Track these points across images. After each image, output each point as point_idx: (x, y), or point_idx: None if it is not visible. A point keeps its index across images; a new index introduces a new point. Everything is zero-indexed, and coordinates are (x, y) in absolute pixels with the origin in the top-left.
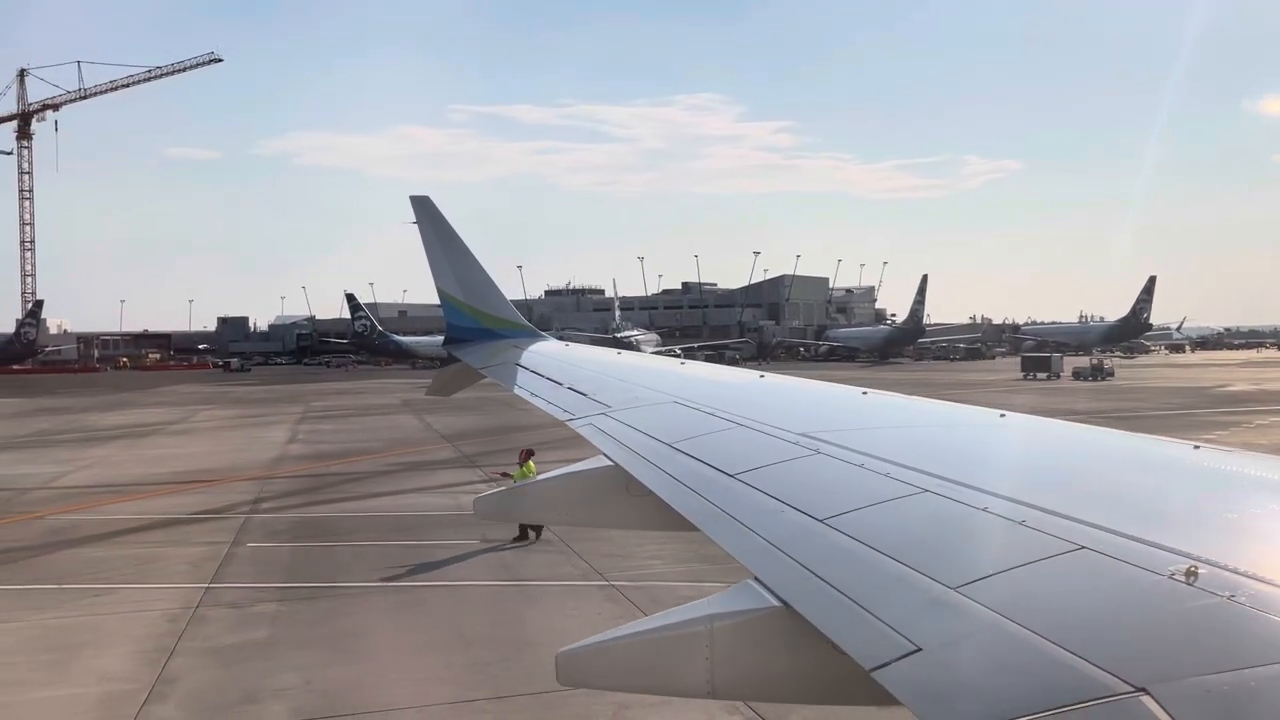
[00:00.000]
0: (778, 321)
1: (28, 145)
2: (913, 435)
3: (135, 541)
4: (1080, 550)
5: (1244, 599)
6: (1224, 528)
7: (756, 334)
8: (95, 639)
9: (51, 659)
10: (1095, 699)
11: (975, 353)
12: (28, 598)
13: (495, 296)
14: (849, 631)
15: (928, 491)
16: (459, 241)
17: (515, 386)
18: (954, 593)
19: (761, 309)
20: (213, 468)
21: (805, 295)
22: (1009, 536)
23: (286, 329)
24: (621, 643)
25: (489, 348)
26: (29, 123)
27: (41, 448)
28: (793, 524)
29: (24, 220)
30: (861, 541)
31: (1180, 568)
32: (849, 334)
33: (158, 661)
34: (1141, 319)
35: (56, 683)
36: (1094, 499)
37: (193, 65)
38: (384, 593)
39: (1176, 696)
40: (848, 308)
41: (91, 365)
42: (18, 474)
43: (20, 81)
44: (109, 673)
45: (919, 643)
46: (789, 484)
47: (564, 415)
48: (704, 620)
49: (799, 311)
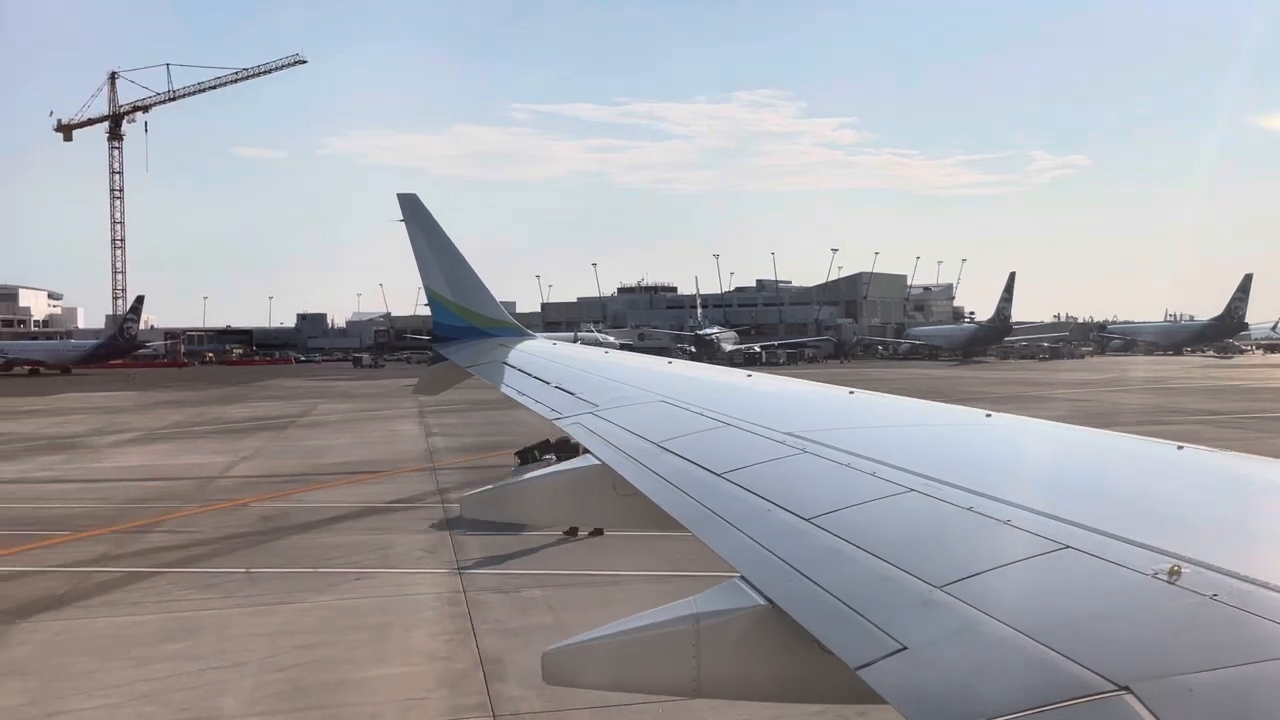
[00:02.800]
0: (855, 319)
1: (118, 146)
2: (899, 435)
3: (353, 529)
4: (1064, 549)
5: (1227, 598)
6: (1207, 527)
7: (835, 332)
8: (390, 620)
9: (364, 638)
10: (1078, 697)
11: (1058, 352)
12: (295, 580)
13: (483, 295)
14: (835, 630)
15: (914, 491)
16: (447, 240)
17: (502, 385)
18: (939, 592)
19: (839, 306)
20: (372, 459)
21: (882, 293)
22: (994, 536)
23: (364, 325)
24: (607, 641)
25: (476, 346)
26: (119, 124)
27: (189, 439)
28: (779, 523)
29: (115, 219)
30: (848, 540)
31: (1164, 567)
32: (931, 332)
33: (466, 643)
34: (1236, 318)
35: (386, 660)
36: (1078, 498)
37: (278, 67)
38: (643, 581)
39: (1159, 695)
40: (925, 305)
41: (180, 360)
42: (189, 464)
43: (111, 84)
44: (429, 651)
45: (904, 641)
46: (776, 483)
47: (551, 414)
48: (690, 619)
49: (876, 309)
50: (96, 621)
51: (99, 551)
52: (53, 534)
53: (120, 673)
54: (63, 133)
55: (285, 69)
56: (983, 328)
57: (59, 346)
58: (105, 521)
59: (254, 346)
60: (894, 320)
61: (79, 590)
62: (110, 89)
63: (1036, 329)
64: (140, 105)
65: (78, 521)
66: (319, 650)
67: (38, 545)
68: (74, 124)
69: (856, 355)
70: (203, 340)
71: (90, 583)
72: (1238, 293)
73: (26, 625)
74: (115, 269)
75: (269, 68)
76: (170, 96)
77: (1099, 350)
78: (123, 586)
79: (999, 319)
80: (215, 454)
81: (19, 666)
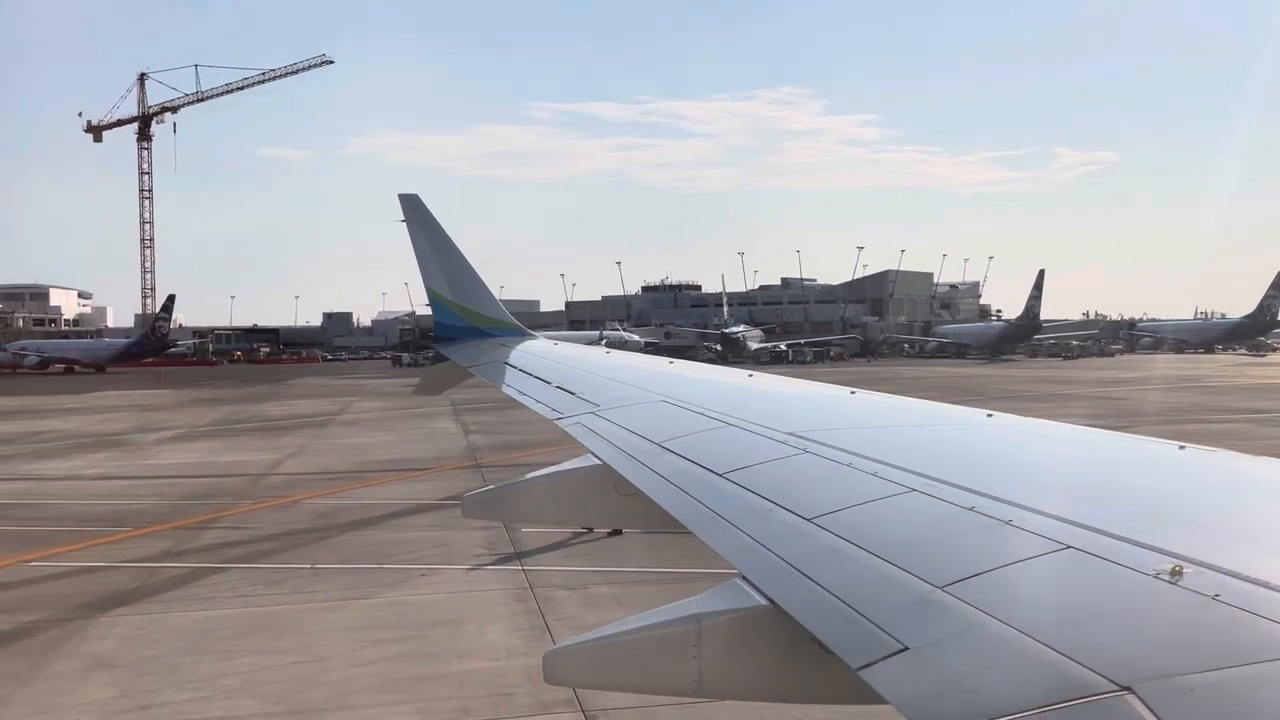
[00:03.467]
0: (881, 317)
1: (147, 146)
2: (900, 435)
3: (409, 525)
4: (1066, 549)
5: (1229, 598)
6: (1210, 527)
7: (861, 330)
8: (463, 615)
9: (441, 633)
10: (1080, 698)
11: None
12: (361, 576)
13: (484, 295)
14: (836, 630)
15: (915, 491)
16: (448, 240)
17: (503, 385)
18: (941, 592)
19: (864, 305)
20: (416, 456)
21: (908, 290)
22: (995, 536)
23: (389, 324)
24: (608, 641)
25: (477, 346)
26: (149, 125)
27: (231, 437)
28: (780, 523)
29: (144, 219)
30: (849, 540)
31: (1166, 567)
32: (959, 330)
33: (543, 639)
34: (1269, 315)
35: (467, 655)
36: (1080, 498)
37: (305, 67)
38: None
39: (1161, 695)
40: (952, 303)
41: (208, 359)
42: (236, 461)
43: (140, 85)
44: (508, 647)
45: (906, 641)
46: (777, 483)
47: (552, 414)
48: (691, 619)
49: (903, 307)
50: (173, 616)
51: (162, 547)
52: (114, 530)
53: (205, 666)
54: (93, 134)
55: (313, 69)
56: (1011, 325)
57: (93, 345)
58: (163, 518)
59: (281, 345)
60: (920, 318)
61: (150, 585)
62: (139, 90)
63: (1065, 327)
64: (169, 106)
65: (137, 518)
66: (399, 645)
67: (102, 541)
68: (104, 125)
69: (883, 353)
70: (230, 339)
71: (160, 578)
72: (1271, 289)
73: (105, 620)
74: (144, 268)
75: (296, 68)
76: (199, 97)
77: (1129, 348)
78: (192, 582)
79: (1028, 317)
80: (260, 451)
81: (106, 660)
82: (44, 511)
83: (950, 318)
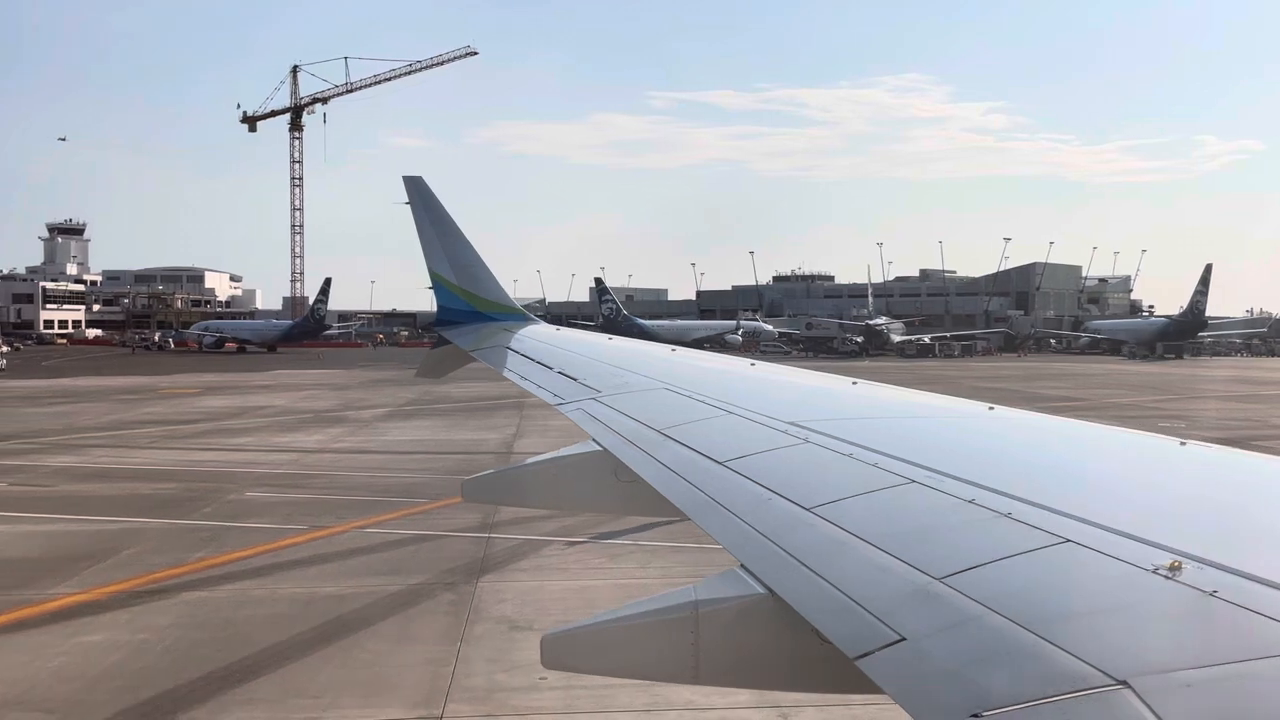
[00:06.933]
0: (1026, 311)
1: (298, 136)
2: (901, 426)
3: None
4: (1065, 543)
5: (1227, 594)
6: (1208, 523)
7: (1007, 324)
8: None
9: None
10: (1076, 691)
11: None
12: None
13: (487, 279)
14: (834, 620)
15: (915, 482)
16: (451, 223)
17: (505, 369)
18: (939, 583)
19: (1009, 298)
20: None
21: (1055, 284)
22: (994, 528)
23: None
24: (607, 627)
25: (479, 330)
26: (300, 115)
27: (441, 416)
28: (780, 512)
29: (294, 206)
30: (848, 530)
31: (1164, 562)
32: (1115, 325)
33: None
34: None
35: None
36: (1080, 493)
37: (450, 59)
38: None
39: (1157, 690)
40: (1100, 298)
41: (355, 341)
42: (469, 439)
43: (293, 77)
44: None
45: (903, 632)
46: (777, 472)
47: (553, 400)
48: (690, 606)
49: (1049, 301)
50: (551, 584)
51: (474, 519)
52: (415, 501)
53: None
54: (248, 124)
55: (457, 60)
56: (1173, 322)
57: (263, 326)
58: (449, 492)
59: (418, 329)
60: (1067, 313)
61: (497, 554)
62: (292, 82)
63: (1228, 324)
64: (319, 97)
65: (425, 490)
66: None
67: (412, 511)
68: (258, 115)
69: (1029, 349)
70: (372, 323)
71: (499, 548)
72: None
73: (486, 585)
74: (294, 253)
75: (442, 59)
76: (348, 88)
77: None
78: (533, 554)
79: (1192, 313)
80: (484, 430)
81: (521, 622)
82: (334, 482)
83: (1099, 313)
